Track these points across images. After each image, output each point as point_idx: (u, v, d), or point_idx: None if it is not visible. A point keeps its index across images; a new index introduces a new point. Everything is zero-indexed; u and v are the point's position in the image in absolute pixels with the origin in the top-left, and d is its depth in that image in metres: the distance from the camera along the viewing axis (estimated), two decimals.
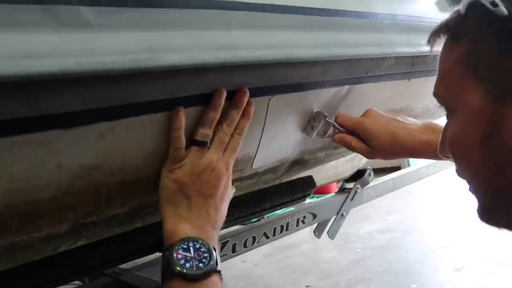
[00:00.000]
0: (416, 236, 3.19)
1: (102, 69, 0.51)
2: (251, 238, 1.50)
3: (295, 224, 1.66)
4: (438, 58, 0.61)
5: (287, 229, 1.63)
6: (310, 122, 0.95)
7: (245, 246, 1.48)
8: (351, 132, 0.95)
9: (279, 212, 1.62)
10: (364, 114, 0.96)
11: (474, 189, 0.60)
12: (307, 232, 1.89)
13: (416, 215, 3.67)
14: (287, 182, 1.38)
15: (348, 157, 1.68)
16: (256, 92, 0.73)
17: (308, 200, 1.83)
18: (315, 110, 0.94)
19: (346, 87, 0.97)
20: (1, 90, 0.46)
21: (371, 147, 0.93)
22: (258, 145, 0.87)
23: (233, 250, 1.43)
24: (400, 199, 3.62)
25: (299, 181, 1.42)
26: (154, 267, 1.32)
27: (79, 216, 0.67)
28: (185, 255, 0.64)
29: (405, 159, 4.17)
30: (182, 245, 0.65)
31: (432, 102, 1.36)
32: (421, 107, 1.37)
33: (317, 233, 1.87)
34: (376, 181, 2.10)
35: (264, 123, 0.85)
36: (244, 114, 0.73)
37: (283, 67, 0.75)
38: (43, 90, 0.49)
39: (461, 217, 3.23)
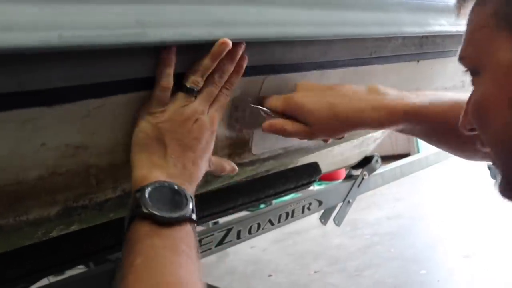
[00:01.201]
0: (425, 222, 3.16)
1: (86, 44, 0.49)
2: (256, 225, 1.49)
3: (301, 211, 1.64)
4: (467, 20, 0.57)
5: (292, 216, 1.61)
6: (231, 113, 0.77)
7: (249, 232, 1.47)
8: (285, 115, 0.78)
9: (285, 198, 1.60)
10: (295, 89, 0.81)
11: (499, 160, 0.56)
12: (315, 218, 1.88)
13: (425, 202, 3.64)
14: (291, 168, 1.35)
15: (356, 143, 1.64)
16: (249, 71, 0.69)
17: (315, 187, 1.82)
18: (235, 96, 0.74)
19: (350, 69, 0.93)
20: None
21: (309, 126, 0.77)
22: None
23: (238, 237, 1.42)
24: (409, 186, 3.59)
25: (304, 168, 1.40)
26: None
27: (69, 199, 0.65)
28: (158, 198, 0.58)
29: (415, 145, 4.12)
30: (156, 187, 0.59)
31: (442, 85, 1.33)
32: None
33: (323, 220, 1.86)
34: (384, 168, 2.08)
35: None
36: (236, 69, 0.68)
37: (280, 46, 0.71)
38: (25, 64, 0.47)
39: (470, 203, 3.21)
